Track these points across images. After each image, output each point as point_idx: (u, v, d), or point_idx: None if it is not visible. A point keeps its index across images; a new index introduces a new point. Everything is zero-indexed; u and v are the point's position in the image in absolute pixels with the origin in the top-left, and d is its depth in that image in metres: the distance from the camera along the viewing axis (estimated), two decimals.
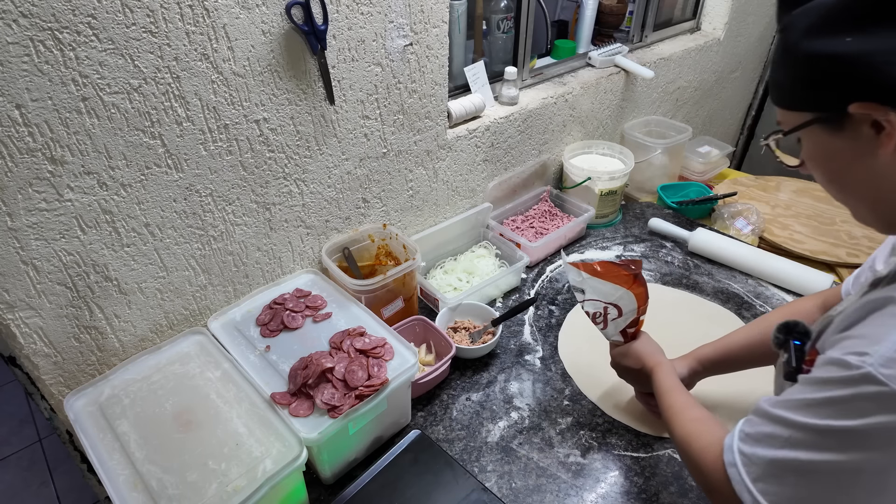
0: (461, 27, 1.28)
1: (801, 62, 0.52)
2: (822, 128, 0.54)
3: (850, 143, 0.52)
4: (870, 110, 0.48)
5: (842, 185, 0.57)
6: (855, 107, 0.49)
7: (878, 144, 0.50)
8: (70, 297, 0.84)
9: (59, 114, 0.73)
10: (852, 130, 0.51)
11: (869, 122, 0.50)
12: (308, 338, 0.95)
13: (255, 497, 0.73)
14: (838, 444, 0.49)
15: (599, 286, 0.90)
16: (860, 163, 0.53)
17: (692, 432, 0.71)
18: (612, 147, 1.60)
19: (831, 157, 0.56)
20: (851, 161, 0.53)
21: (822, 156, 0.57)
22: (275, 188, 1.00)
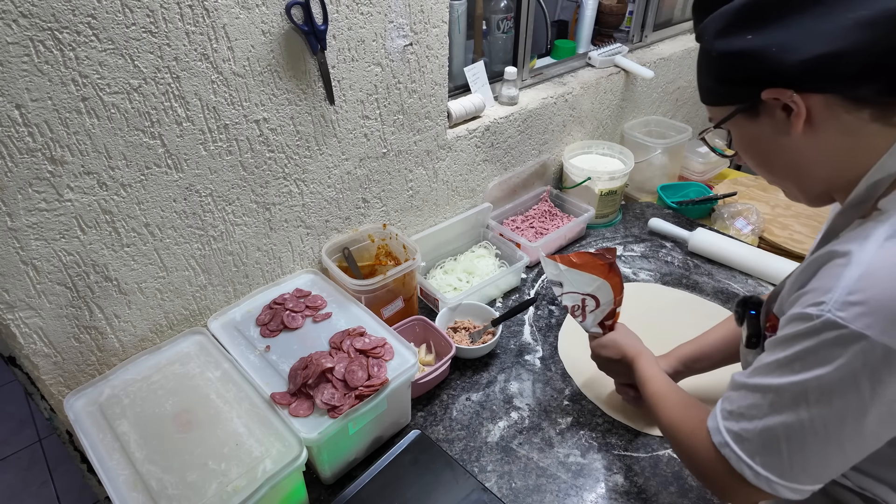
0: (461, 27, 1.28)
1: (716, 61, 0.61)
2: (743, 117, 0.61)
3: (768, 127, 0.59)
4: (777, 95, 0.56)
5: (768, 167, 0.64)
6: (766, 93, 0.56)
7: (790, 124, 0.57)
8: (70, 297, 0.84)
9: (59, 114, 0.73)
10: (768, 115, 0.59)
11: (780, 106, 0.57)
12: (308, 338, 0.95)
13: (255, 497, 0.73)
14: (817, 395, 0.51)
15: (577, 277, 0.91)
16: (779, 143, 0.59)
17: (678, 418, 0.72)
18: (612, 147, 1.60)
19: (755, 142, 0.63)
20: (771, 143, 0.60)
21: (747, 142, 0.64)
22: (275, 188, 1.00)
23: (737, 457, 0.58)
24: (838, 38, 0.51)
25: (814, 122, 0.56)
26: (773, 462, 0.56)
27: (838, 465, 0.55)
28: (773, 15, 0.54)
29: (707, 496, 0.90)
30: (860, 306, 0.48)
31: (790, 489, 0.56)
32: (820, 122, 0.56)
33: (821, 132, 0.56)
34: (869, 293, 0.48)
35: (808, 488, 0.56)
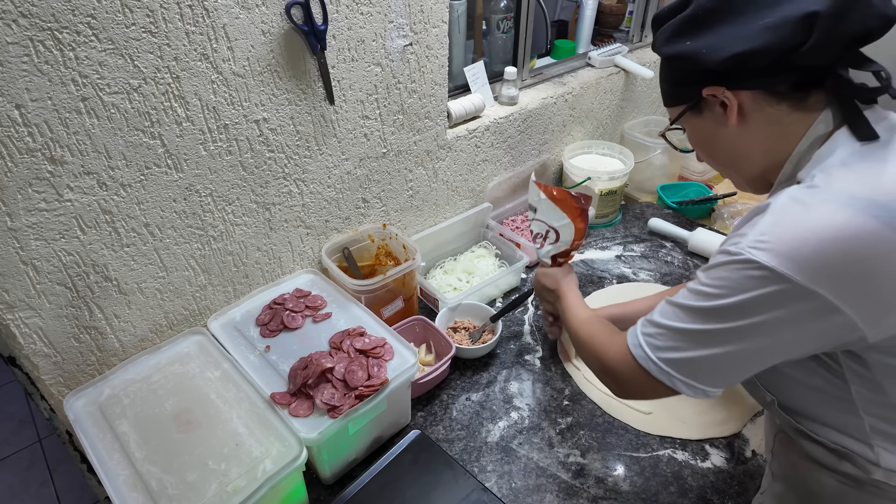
0: (461, 27, 1.28)
1: (664, 65, 0.73)
2: (691, 114, 0.72)
3: (710, 122, 0.70)
4: (714, 91, 0.67)
5: (713, 156, 0.75)
6: (706, 90, 0.67)
7: (726, 118, 0.67)
8: (70, 298, 0.84)
9: (59, 114, 0.73)
10: (709, 111, 0.70)
11: (718, 103, 0.68)
12: (308, 338, 0.95)
13: (255, 497, 0.73)
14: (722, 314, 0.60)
15: (550, 210, 0.99)
16: (718, 135, 0.71)
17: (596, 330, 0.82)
18: (612, 147, 1.60)
19: (701, 135, 0.74)
20: (713, 135, 0.71)
21: (696, 136, 0.75)
22: (274, 188, 1.00)
23: (644, 355, 0.67)
24: (751, 39, 0.61)
25: (745, 115, 0.67)
26: (675, 360, 0.65)
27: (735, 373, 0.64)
28: (705, 24, 0.65)
29: (707, 496, 0.90)
30: (767, 243, 0.57)
31: (688, 385, 0.65)
32: (750, 114, 0.66)
33: (751, 123, 0.67)
34: (777, 233, 0.57)
35: (704, 388, 0.65)
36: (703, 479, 0.93)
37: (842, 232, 0.54)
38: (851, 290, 0.54)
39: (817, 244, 0.54)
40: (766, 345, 0.60)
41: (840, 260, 0.54)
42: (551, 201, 0.98)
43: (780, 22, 0.60)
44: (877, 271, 0.54)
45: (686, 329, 0.64)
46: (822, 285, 0.54)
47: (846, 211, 0.55)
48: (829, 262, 0.54)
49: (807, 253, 0.55)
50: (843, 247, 0.54)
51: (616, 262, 1.43)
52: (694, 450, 0.98)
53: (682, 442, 0.99)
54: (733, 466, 0.95)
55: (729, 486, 0.92)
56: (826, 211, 0.56)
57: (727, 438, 1.00)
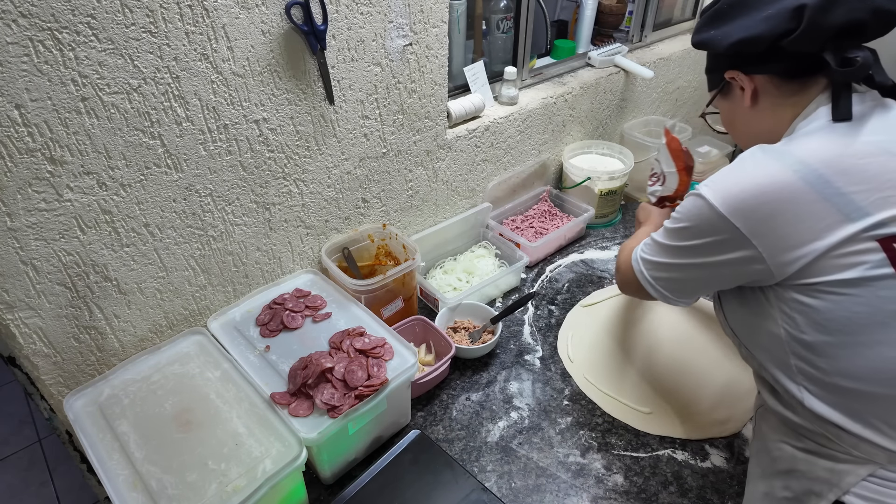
0: (461, 27, 1.28)
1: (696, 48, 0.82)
2: (720, 97, 0.84)
3: (732, 103, 0.82)
4: (732, 75, 0.78)
5: (737, 135, 0.86)
6: (727, 74, 0.79)
7: (743, 98, 0.78)
8: (69, 298, 0.84)
9: (59, 114, 0.73)
10: (732, 94, 0.81)
11: (738, 87, 0.79)
12: (308, 338, 0.95)
13: (255, 497, 0.73)
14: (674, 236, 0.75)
15: (665, 155, 1.10)
16: (738, 115, 0.82)
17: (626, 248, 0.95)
18: (612, 147, 1.60)
19: (727, 116, 0.86)
20: (735, 114, 0.83)
21: (724, 116, 0.87)
22: (274, 188, 1.00)
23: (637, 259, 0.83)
24: (751, 27, 0.72)
25: (757, 98, 0.77)
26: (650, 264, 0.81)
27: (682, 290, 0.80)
28: (726, 16, 0.76)
29: (706, 496, 0.91)
30: (714, 184, 0.69)
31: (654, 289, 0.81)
32: (761, 97, 0.77)
33: (762, 104, 0.78)
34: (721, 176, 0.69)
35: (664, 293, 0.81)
36: (702, 479, 0.93)
37: (765, 179, 0.65)
38: (758, 226, 0.65)
39: (744, 186, 0.66)
40: (699, 262, 0.73)
41: (755, 200, 0.65)
42: (667, 148, 1.09)
43: (774, 13, 0.69)
44: (780, 213, 0.64)
45: (658, 243, 0.79)
46: (737, 219, 0.66)
47: (777, 165, 0.66)
48: (746, 200, 0.65)
49: (734, 192, 0.66)
50: (761, 190, 0.65)
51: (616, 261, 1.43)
52: (694, 450, 0.98)
53: (681, 442, 0.99)
54: (733, 466, 0.95)
55: (729, 486, 0.92)
56: (764, 163, 0.67)
57: (727, 438, 1.00)
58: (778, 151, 0.68)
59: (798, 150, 0.66)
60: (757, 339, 0.75)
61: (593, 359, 1.14)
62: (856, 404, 0.66)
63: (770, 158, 0.67)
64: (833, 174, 0.63)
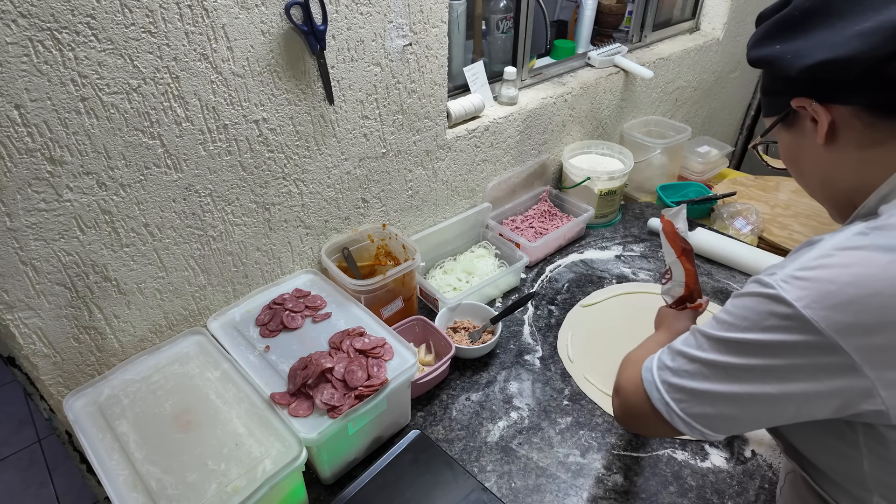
0: (460, 27, 1.28)
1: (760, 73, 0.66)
2: (782, 127, 0.66)
3: (800, 137, 0.64)
4: (802, 103, 0.60)
5: (802, 176, 0.67)
6: (794, 101, 0.60)
7: (815, 134, 0.60)
8: (69, 298, 0.84)
9: (58, 114, 0.73)
10: (799, 126, 0.63)
11: (809, 118, 0.61)
12: (307, 338, 0.95)
13: (255, 497, 0.73)
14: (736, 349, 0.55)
15: (665, 245, 0.95)
16: (807, 152, 0.64)
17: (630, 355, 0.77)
18: (612, 147, 1.60)
19: (789, 150, 0.67)
20: (802, 151, 0.64)
21: (785, 150, 0.68)
22: (274, 188, 1.00)
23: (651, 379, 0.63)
24: (838, 46, 0.53)
25: (836, 134, 0.59)
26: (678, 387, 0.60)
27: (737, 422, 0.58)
28: (799, 26, 0.58)
29: (706, 496, 0.91)
30: (802, 282, 0.51)
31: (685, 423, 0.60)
32: (841, 133, 0.59)
33: (842, 143, 0.59)
34: (815, 273, 0.51)
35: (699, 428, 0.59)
36: (702, 478, 0.93)
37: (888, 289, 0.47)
38: (880, 353, 0.48)
39: (855, 295, 0.47)
40: (774, 392, 0.53)
41: (877, 318, 0.47)
42: (664, 235, 0.94)
43: (875, 27, 0.51)
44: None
45: (697, 356, 0.58)
46: (849, 341, 0.48)
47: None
48: (863, 317, 0.47)
49: (841, 302, 0.48)
50: (883, 303, 0.47)
51: (616, 261, 1.43)
52: (693, 450, 0.98)
53: (681, 442, 0.99)
54: (733, 466, 0.95)
55: (728, 485, 0.92)
56: (879, 259, 0.48)
57: (727, 438, 1.00)
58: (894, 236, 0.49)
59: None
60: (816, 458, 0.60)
61: (593, 359, 1.14)
62: None
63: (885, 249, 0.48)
64: None
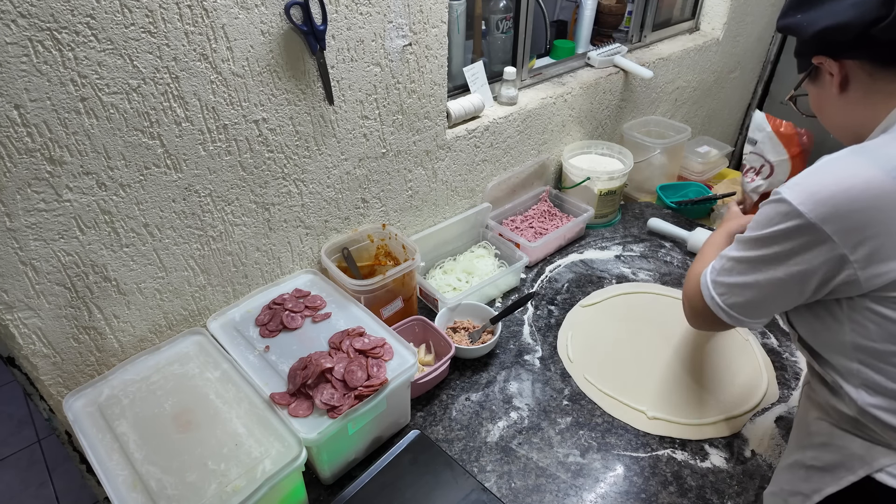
0: (460, 27, 1.28)
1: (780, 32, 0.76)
2: (809, 81, 0.79)
3: (821, 89, 0.77)
4: (821, 60, 0.73)
5: (826, 122, 0.81)
6: (815, 59, 0.74)
7: (832, 85, 0.74)
8: (69, 298, 0.84)
9: (58, 114, 0.73)
10: (821, 79, 0.76)
11: (827, 72, 0.74)
12: (307, 338, 0.95)
13: (255, 497, 0.73)
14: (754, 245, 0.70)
15: (772, 143, 0.99)
16: (827, 102, 0.77)
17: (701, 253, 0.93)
18: (612, 147, 1.60)
19: (815, 102, 0.80)
20: (823, 100, 0.78)
21: (813, 101, 0.81)
22: (274, 188, 1.00)
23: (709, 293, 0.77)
24: (838, 14, 0.67)
25: (848, 85, 0.73)
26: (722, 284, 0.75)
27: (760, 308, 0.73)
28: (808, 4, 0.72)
29: (706, 496, 0.91)
30: (799, 186, 0.64)
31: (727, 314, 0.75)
32: (852, 84, 0.72)
33: (852, 92, 0.73)
34: (809, 178, 0.64)
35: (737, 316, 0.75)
36: (702, 479, 0.93)
37: (858, 182, 0.60)
38: (851, 234, 0.61)
39: (834, 189, 0.61)
40: (781, 274, 0.67)
41: (847, 206, 0.60)
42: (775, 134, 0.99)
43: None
44: (875, 222, 0.60)
45: (733, 258, 0.73)
46: (828, 224, 0.61)
47: (871, 168, 0.61)
48: (838, 206, 0.61)
49: (823, 196, 0.62)
50: (853, 195, 0.60)
51: (615, 261, 1.43)
52: (693, 450, 0.98)
53: (681, 442, 0.99)
54: (733, 466, 0.95)
55: (728, 486, 0.92)
56: (855, 164, 0.62)
57: (726, 438, 1.00)
58: (871, 152, 0.63)
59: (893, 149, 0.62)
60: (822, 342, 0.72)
61: (593, 359, 1.14)
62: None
63: (863, 160, 0.62)
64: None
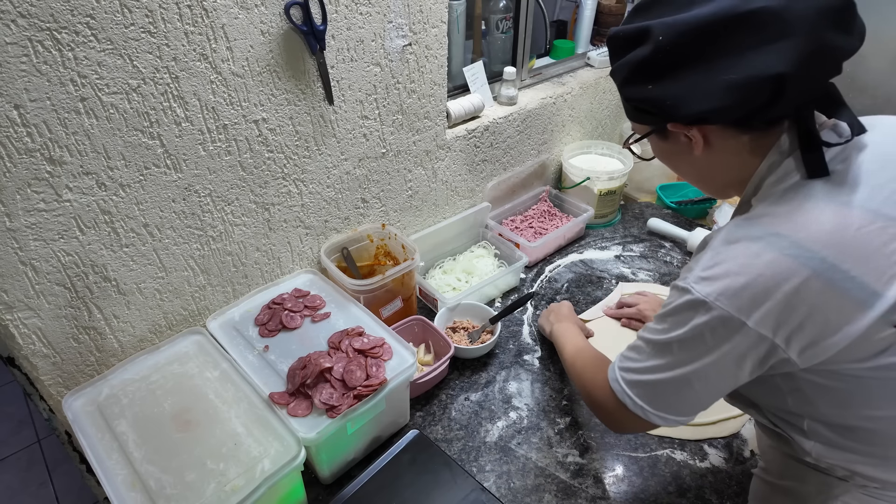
0: (460, 27, 1.28)
1: (626, 101, 0.72)
2: (656, 136, 0.75)
3: (676, 147, 0.72)
4: (678, 129, 0.68)
5: (680, 173, 0.79)
6: (671, 126, 0.68)
7: (691, 147, 0.69)
8: (69, 298, 0.84)
9: (58, 114, 0.73)
10: (675, 139, 0.71)
11: (682, 135, 0.69)
12: (307, 338, 0.95)
13: (254, 497, 0.73)
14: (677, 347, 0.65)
15: None
16: (685, 158, 0.73)
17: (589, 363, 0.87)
18: (611, 147, 1.60)
19: (668, 155, 0.77)
20: (680, 157, 0.75)
21: (662, 154, 0.78)
22: (274, 188, 1.00)
23: (621, 390, 0.72)
24: (714, 97, 0.61)
25: (711, 145, 0.68)
26: (645, 394, 0.70)
27: (693, 402, 0.68)
28: (666, 69, 0.63)
29: (705, 496, 0.91)
30: (708, 281, 0.62)
31: (660, 417, 0.70)
32: (714, 144, 0.68)
33: (716, 151, 0.69)
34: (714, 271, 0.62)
35: (672, 418, 0.69)
36: (701, 479, 0.93)
37: (766, 270, 0.58)
38: (776, 321, 0.59)
39: (746, 281, 0.59)
40: (712, 372, 0.64)
41: (763, 295, 0.58)
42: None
43: (744, 81, 0.59)
44: (796, 305, 0.58)
45: (650, 365, 0.69)
46: (752, 317, 0.59)
47: (771, 252, 0.59)
48: (756, 296, 0.59)
49: (736, 288, 0.59)
50: (766, 284, 0.58)
51: (615, 261, 1.43)
52: (692, 450, 0.98)
53: (680, 442, 0.99)
54: (732, 466, 0.95)
55: (727, 486, 0.92)
56: (756, 251, 0.60)
57: (725, 438, 1.00)
58: (763, 233, 0.61)
59: (785, 228, 0.60)
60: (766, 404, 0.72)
61: None
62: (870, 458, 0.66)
63: (760, 245, 0.60)
64: (837, 256, 0.57)
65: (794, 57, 0.57)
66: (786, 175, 0.63)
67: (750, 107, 0.61)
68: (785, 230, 0.60)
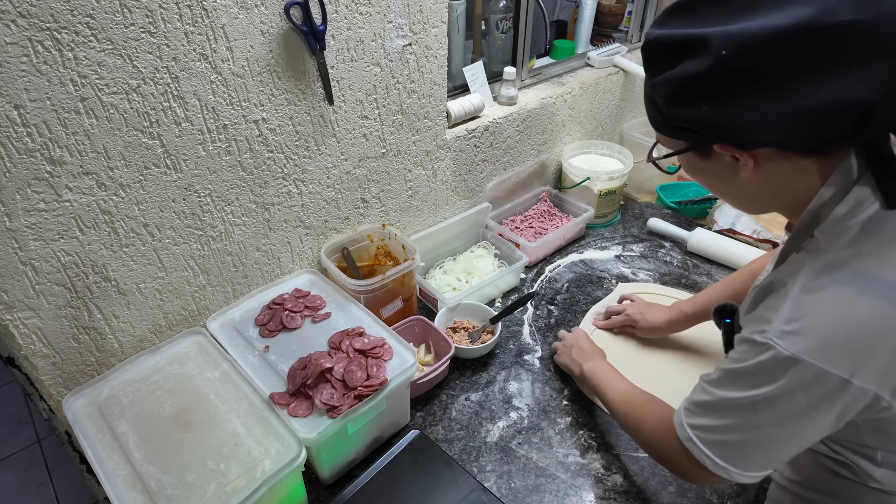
0: (460, 27, 1.28)
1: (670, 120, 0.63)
2: (694, 154, 0.65)
3: (717, 167, 0.64)
4: (728, 151, 0.60)
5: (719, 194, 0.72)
6: (718, 147, 0.61)
7: (738, 169, 0.62)
8: (69, 298, 0.84)
9: (58, 114, 0.73)
10: (717, 159, 0.63)
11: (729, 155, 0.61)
12: (307, 338, 0.95)
13: (254, 497, 0.73)
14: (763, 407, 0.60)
15: None
16: (727, 179, 0.65)
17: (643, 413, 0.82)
18: (611, 147, 1.60)
19: (703, 173, 0.68)
20: (721, 178, 0.66)
21: (698, 173, 0.69)
22: (274, 188, 1.00)
23: (699, 450, 0.66)
24: (784, 126, 0.54)
25: (760, 167, 0.61)
26: (727, 455, 0.65)
27: (780, 457, 0.64)
28: (727, 91, 0.55)
29: (705, 496, 0.91)
30: (796, 335, 0.56)
31: (743, 476, 0.65)
32: (766, 166, 0.60)
33: (767, 174, 0.61)
34: (803, 325, 0.56)
35: (757, 475, 0.65)
36: None
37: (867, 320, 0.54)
38: (882, 376, 0.55)
39: (845, 334, 0.54)
40: (808, 428, 0.60)
41: (868, 349, 0.54)
42: None
43: (822, 108, 0.51)
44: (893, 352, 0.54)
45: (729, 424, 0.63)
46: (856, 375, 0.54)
47: (871, 299, 0.54)
48: (858, 351, 0.54)
49: (835, 343, 0.54)
50: (869, 337, 0.54)
51: (615, 261, 1.43)
52: None
53: None
54: None
55: (728, 486, 0.92)
56: (847, 297, 0.55)
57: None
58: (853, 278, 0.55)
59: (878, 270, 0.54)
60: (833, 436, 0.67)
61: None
62: None
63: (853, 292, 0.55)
64: None
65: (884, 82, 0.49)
66: (858, 206, 0.56)
67: (826, 138, 0.54)
68: (878, 271, 0.54)
